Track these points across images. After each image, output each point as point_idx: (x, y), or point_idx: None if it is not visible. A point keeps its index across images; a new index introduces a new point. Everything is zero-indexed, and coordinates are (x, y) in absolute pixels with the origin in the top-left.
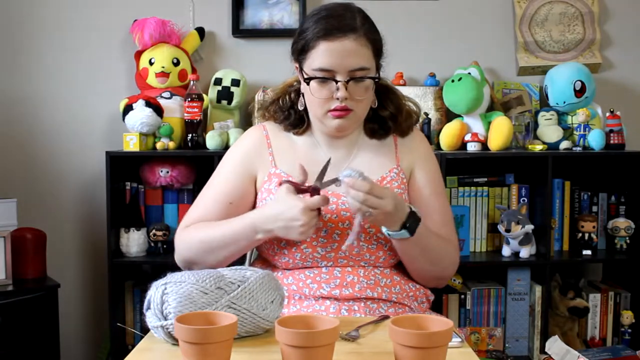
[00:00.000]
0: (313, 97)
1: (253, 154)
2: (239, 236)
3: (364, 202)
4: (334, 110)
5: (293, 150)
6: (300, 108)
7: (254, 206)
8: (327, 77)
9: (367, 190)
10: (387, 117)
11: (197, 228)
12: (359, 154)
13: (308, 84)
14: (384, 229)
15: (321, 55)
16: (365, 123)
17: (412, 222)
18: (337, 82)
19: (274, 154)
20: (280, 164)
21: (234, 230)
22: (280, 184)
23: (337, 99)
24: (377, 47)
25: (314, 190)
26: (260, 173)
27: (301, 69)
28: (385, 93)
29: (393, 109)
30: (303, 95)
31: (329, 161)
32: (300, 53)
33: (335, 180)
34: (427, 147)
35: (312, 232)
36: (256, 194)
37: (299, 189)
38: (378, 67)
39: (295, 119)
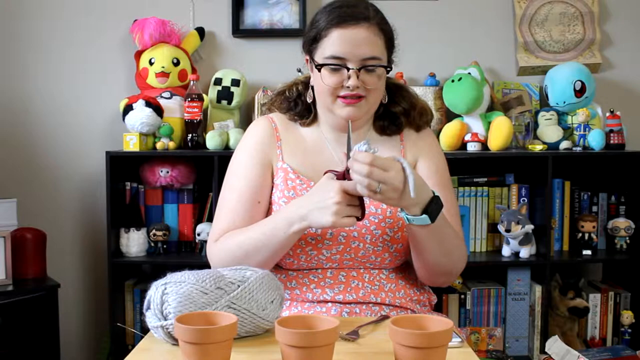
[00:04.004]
0: (323, 85)
1: (265, 144)
2: (273, 232)
3: (369, 175)
4: (345, 97)
5: (301, 144)
6: (309, 100)
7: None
8: (338, 64)
9: (369, 162)
10: (399, 113)
11: (230, 236)
12: None
13: (319, 71)
14: (402, 214)
15: (333, 43)
16: (375, 120)
17: (434, 208)
18: (348, 69)
19: (282, 148)
20: (288, 159)
21: (269, 227)
22: (324, 174)
23: (348, 87)
24: (389, 38)
25: (349, 172)
26: (272, 164)
27: (312, 59)
28: (397, 90)
29: (406, 104)
30: (312, 89)
31: (349, 128)
32: (312, 42)
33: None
34: (433, 140)
35: (352, 223)
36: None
37: (340, 177)
38: (390, 61)
39: (302, 109)
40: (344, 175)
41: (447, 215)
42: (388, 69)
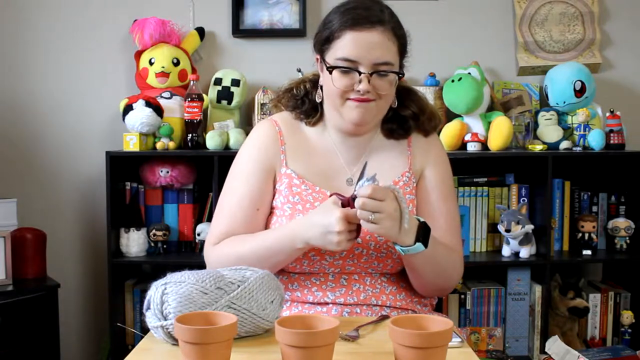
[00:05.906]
0: (333, 87)
1: (268, 149)
2: (277, 248)
3: (363, 207)
4: (355, 99)
5: (306, 146)
6: (318, 100)
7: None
8: (350, 67)
9: (367, 194)
10: (408, 117)
11: (229, 243)
12: (371, 156)
13: (330, 72)
14: (398, 248)
15: (346, 45)
16: (383, 123)
17: (424, 234)
18: (360, 73)
19: (286, 153)
20: (292, 164)
21: (271, 242)
22: (330, 196)
23: (359, 91)
24: (402, 44)
25: (354, 200)
26: (275, 170)
27: (323, 60)
28: (407, 94)
29: (415, 108)
30: (321, 88)
31: (365, 165)
32: (324, 43)
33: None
34: (441, 150)
35: (350, 246)
36: (274, 194)
37: (345, 203)
38: (401, 66)
39: (308, 107)
40: (349, 202)
41: (446, 227)
42: (400, 75)
